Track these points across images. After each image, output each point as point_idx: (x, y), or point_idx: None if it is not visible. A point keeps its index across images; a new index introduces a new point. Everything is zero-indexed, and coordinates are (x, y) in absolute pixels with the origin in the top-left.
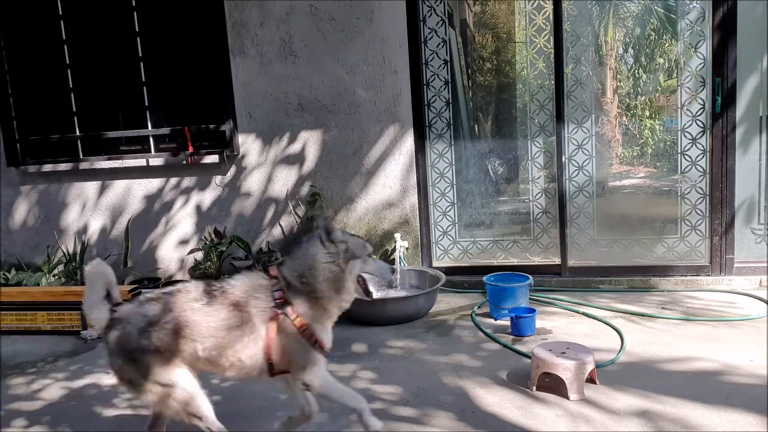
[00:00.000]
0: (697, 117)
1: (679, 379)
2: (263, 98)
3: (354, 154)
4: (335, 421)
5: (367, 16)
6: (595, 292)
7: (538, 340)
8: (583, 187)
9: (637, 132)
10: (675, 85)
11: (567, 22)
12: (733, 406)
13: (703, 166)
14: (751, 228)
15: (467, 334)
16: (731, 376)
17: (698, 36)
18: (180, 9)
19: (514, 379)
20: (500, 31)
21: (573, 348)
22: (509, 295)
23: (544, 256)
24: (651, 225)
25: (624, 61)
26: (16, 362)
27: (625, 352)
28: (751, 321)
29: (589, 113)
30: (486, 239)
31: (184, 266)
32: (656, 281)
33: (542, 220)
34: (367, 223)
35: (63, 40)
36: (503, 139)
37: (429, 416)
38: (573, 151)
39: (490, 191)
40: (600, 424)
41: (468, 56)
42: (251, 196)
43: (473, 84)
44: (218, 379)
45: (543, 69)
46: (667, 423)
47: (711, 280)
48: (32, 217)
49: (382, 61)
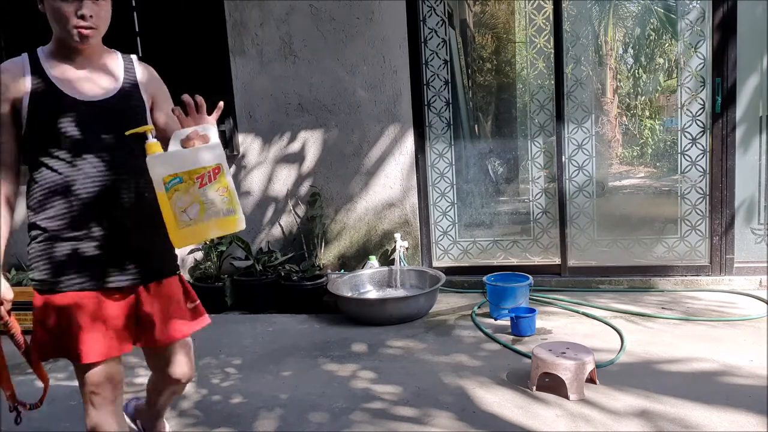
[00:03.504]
0: (697, 117)
1: (679, 379)
2: (263, 98)
3: (354, 154)
4: (335, 421)
5: (367, 16)
6: (595, 292)
7: (538, 340)
8: (583, 187)
9: (637, 132)
10: (675, 85)
11: (567, 22)
12: (733, 406)
13: (703, 166)
14: (751, 228)
15: (467, 334)
16: (731, 376)
17: (698, 36)
18: (180, 9)
19: (514, 379)
20: (500, 31)
21: (573, 348)
22: (509, 295)
23: (544, 256)
24: (651, 225)
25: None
26: (15, 362)
27: (625, 352)
28: (751, 321)
29: (589, 113)
30: (486, 239)
31: (184, 266)
32: (656, 281)
33: (542, 220)
34: (367, 223)
35: None
36: (503, 139)
37: (429, 416)
38: (573, 151)
39: (490, 191)
40: (600, 424)
41: (468, 56)
42: (251, 195)
43: (473, 84)
44: (218, 379)
45: (543, 69)
46: (667, 423)
47: (711, 280)
48: None
49: (382, 61)
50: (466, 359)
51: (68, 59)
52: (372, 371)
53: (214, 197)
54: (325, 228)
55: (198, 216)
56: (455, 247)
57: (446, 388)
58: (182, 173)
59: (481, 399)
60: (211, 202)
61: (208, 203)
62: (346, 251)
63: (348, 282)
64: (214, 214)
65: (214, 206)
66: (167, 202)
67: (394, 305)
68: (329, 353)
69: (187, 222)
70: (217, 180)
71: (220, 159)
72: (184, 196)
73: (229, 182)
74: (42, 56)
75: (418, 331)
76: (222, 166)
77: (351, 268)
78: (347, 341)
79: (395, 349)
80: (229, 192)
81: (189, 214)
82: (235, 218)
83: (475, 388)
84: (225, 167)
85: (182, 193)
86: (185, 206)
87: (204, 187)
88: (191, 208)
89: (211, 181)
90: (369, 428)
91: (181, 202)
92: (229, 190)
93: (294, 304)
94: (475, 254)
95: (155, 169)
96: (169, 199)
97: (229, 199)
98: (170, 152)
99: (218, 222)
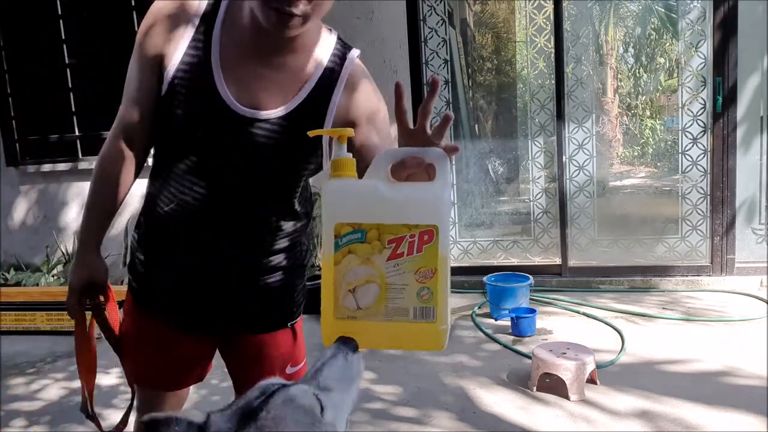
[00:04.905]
0: (697, 117)
1: (679, 379)
2: None
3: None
4: None
5: (367, 16)
6: (595, 293)
7: (538, 341)
8: (584, 187)
9: (638, 132)
10: (676, 84)
11: (567, 21)
12: (733, 407)
13: (703, 165)
14: (752, 228)
15: (467, 335)
16: (731, 376)
17: (699, 35)
18: None
19: (514, 379)
20: (500, 30)
21: (573, 348)
22: (509, 296)
23: (544, 256)
24: (652, 225)
25: (624, 60)
26: (15, 362)
27: (626, 352)
28: (751, 321)
29: (589, 113)
30: (486, 239)
31: None
32: (657, 281)
33: (543, 220)
34: None
35: (62, 39)
36: (503, 138)
37: (429, 416)
38: (573, 151)
39: (490, 191)
40: (600, 424)
41: (468, 56)
42: None
43: (473, 83)
44: (218, 379)
45: (543, 68)
46: (667, 423)
47: (712, 281)
48: (31, 217)
49: (382, 61)
50: (467, 359)
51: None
52: (372, 371)
53: (407, 283)
54: None
55: (372, 306)
56: (455, 247)
57: (446, 389)
58: (369, 226)
59: (482, 399)
60: (399, 289)
61: (393, 290)
62: None
63: None
64: (397, 313)
65: (401, 298)
66: (331, 268)
67: None
68: None
69: (350, 312)
70: (423, 254)
71: (441, 217)
72: (358, 267)
73: (443, 264)
74: None
75: None
76: (438, 230)
77: None
78: None
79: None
80: (435, 280)
81: (358, 300)
82: (433, 328)
83: (476, 388)
84: (442, 233)
85: (359, 260)
86: (355, 284)
87: (396, 261)
88: (364, 290)
89: (411, 252)
90: (369, 428)
91: (352, 276)
92: (438, 278)
93: None
94: (476, 254)
95: (330, 207)
96: (337, 264)
97: (431, 294)
98: (368, 183)
99: (404, 328)
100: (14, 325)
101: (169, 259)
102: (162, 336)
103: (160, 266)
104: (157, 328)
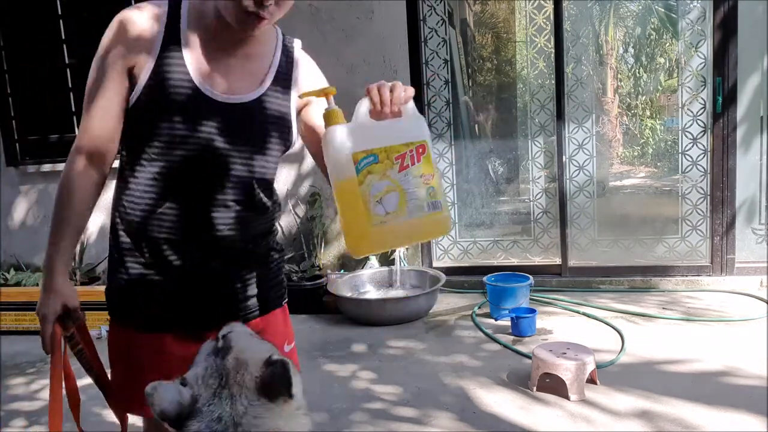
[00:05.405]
0: (697, 117)
1: (679, 379)
2: None
3: None
4: (335, 421)
5: (367, 16)
6: (595, 293)
7: (538, 341)
8: (584, 187)
9: (638, 132)
10: (676, 84)
11: (567, 21)
12: (733, 407)
13: (703, 165)
14: (752, 228)
15: (467, 335)
16: (731, 376)
17: (699, 35)
18: None
19: (514, 379)
20: (500, 30)
21: (573, 348)
22: (509, 296)
23: (544, 256)
24: (652, 225)
25: (624, 60)
26: (15, 362)
27: (626, 352)
28: (751, 321)
29: (589, 113)
30: (486, 239)
31: None
32: (657, 281)
33: (543, 220)
34: None
35: (62, 39)
36: (503, 138)
37: (429, 416)
38: (573, 151)
39: (490, 191)
40: (600, 424)
41: (468, 56)
42: None
43: (473, 83)
44: None
45: (543, 68)
46: (667, 423)
47: (712, 281)
48: (31, 217)
49: (382, 61)
50: (467, 359)
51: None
52: (372, 371)
53: (417, 185)
54: (325, 228)
55: (397, 209)
56: (455, 247)
57: (446, 389)
58: (378, 150)
59: (482, 399)
60: (413, 191)
61: (409, 193)
62: (346, 251)
63: (348, 282)
64: (416, 209)
65: (417, 198)
66: (356, 189)
67: (394, 305)
68: (329, 353)
69: (382, 218)
70: (422, 162)
71: (426, 135)
72: (379, 182)
73: (436, 168)
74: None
75: (418, 332)
76: (427, 145)
77: (351, 268)
78: (347, 341)
79: (395, 349)
80: (435, 180)
81: (385, 206)
82: (441, 216)
83: (476, 388)
84: (430, 147)
85: (377, 176)
86: (380, 195)
87: (405, 171)
88: (388, 198)
89: (414, 163)
90: (369, 428)
91: (376, 189)
92: (436, 178)
93: (294, 305)
94: (476, 254)
95: (340, 144)
96: (360, 184)
97: (435, 190)
98: (361, 123)
99: (421, 221)
100: (14, 325)
101: (166, 259)
102: (163, 344)
103: (157, 267)
104: (157, 338)
